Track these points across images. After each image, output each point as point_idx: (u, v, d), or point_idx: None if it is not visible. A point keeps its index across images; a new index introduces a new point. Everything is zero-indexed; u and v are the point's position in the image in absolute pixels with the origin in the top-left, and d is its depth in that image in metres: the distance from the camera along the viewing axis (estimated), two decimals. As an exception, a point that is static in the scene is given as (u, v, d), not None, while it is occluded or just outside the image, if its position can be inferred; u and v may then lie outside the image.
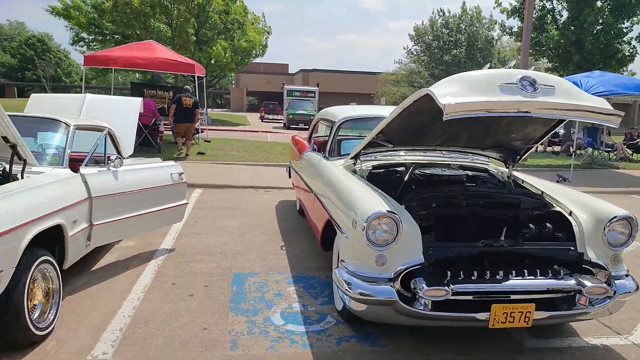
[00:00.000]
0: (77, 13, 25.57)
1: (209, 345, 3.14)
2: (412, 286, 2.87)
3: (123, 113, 6.17)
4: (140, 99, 7.27)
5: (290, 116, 27.72)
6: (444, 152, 4.52)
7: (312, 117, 27.97)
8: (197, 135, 13.24)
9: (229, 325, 3.42)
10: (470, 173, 4.27)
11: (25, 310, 2.83)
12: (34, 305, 3.03)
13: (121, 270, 4.41)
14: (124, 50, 12.46)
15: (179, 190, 4.96)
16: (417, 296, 2.85)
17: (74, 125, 4.09)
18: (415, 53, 41.18)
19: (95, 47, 28.44)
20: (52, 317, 3.17)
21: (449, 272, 2.91)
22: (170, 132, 13.57)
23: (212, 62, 26.79)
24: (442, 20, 39.66)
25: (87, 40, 28.47)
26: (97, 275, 4.27)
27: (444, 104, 2.65)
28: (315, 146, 5.98)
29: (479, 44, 38.19)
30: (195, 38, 25.02)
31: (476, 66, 35.25)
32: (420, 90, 2.95)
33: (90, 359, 2.92)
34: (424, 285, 2.79)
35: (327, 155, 4.78)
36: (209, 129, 15.97)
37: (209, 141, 14.40)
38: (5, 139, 3.07)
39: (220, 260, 4.82)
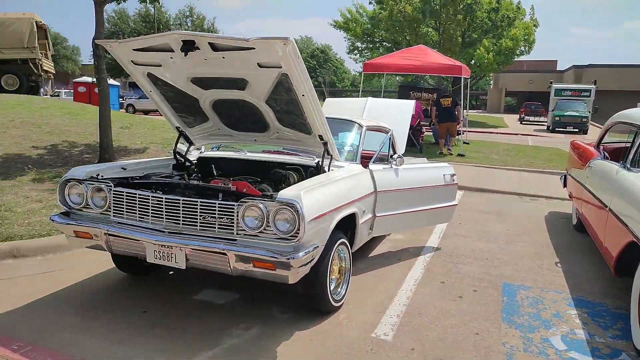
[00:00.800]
0: (355, 25, 28.66)
1: (482, 352, 3.10)
2: None
3: (398, 115, 6.60)
4: (413, 101, 7.66)
5: (557, 118, 24.85)
6: None
7: (584, 119, 24.54)
8: (457, 137, 13.20)
9: (503, 337, 3.30)
10: None
11: (327, 281, 3.34)
12: (331, 279, 3.55)
13: (394, 261, 4.75)
14: (397, 56, 13.38)
15: (450, 191, 5.04)
16: None
17: (366, 127, 4.59)
18: None
19: (366, 54, 31.42)
20: (344, 292, 3.66)
21: None
22: (430, 133, 13.86)
23: (472, 62, 26.17)
24: None
25: (360, 48, 31.71)
26: (373, 262, 4.72)
27: None
28: (606, 154, 5.20)
29: None
30: (460, 40, 24.87)
31: None
32: None
33: (374, 336, 3.24)
34: None
35: (629, 165, 4.09)
36: (467, 131, 15.72)
37: (467, 143, 14.18)
38: (320, 137, 3.66)
39: (488, 266, 4.70)
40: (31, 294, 3.66)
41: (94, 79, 8.62)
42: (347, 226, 3.75)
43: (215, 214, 3.01)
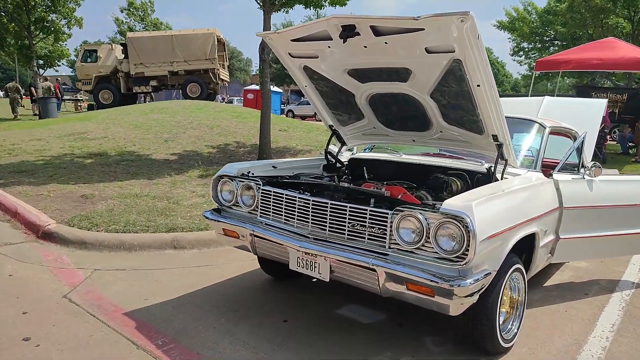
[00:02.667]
0: (521, 24, 26.18)
1: None
2: None
3: (584, 117, 5.48)
4: (605, 101, 6.35)
5: None
6: None
7: None
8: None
9: None
10: None
11: (497, 315, 2.70)
12: (500, 311, 2.88)
13: (578, 295, 3.82)
14: (578, 51, 11.57)
15: (662, 214, 3.89)
16: None
17: (550, 127, 3.77)
18: None
19: (533, 55, 28.52)
20: (515, 331, 2.95)
21: None
22: (614, 142, 11.75)
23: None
24: None
25: (526, 49, 28.92)
26: (551, 293, 3.85)
27: None
28: None
29: None
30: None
31: None
32: None
33: (559, 396, 2.51)
34: None
35: None
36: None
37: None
38: (495, 137, 3.03)
39: None
40: (183, 286, 3.71)
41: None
42: (522, 249, 3.04)
43: (365, 222, 2.61)
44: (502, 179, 3.16)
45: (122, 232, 4.69)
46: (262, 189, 3.11)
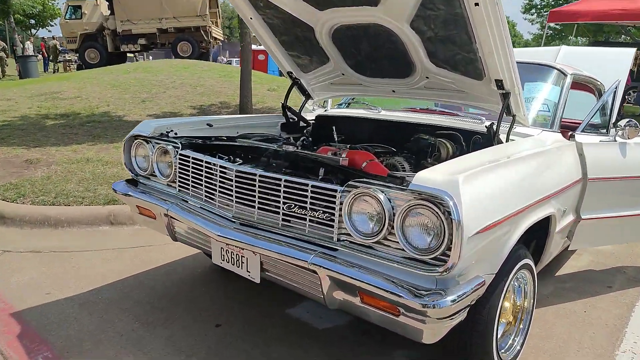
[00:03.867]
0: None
1: None
2: None
3: (607, 69, 4.57)
4: (633, 50, 5.39)
5: None
6: None
7: None
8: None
9: None
10: None
11: (494, 330, 1.93)
12: (499, 323, 2.11)
13: (600, 289, 3.05)
14: (596, 1, 10.37)
15: None
16: None
17: (572, 75, 2.89)
18: None
19: (545, 13, 26.88)
20: (519, 348, 2.19)
21: None
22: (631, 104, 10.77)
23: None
24: None
25: (538, 6, 27.28)
26: (565, 286, 3.08)
27: None
28: None
29: None
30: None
31: None
32: None
33: None
34: None
35: None
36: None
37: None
38: (499, 84, 2.18)
39: None
40: (105, 275, 2.98)
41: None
42: (530, 234, 2.24)
43: (306, 202, 1.81)
44: (507, 141, 2.34)
45: (51, 205, 3.93)
46: (180, 154, 2.30)
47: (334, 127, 2.99)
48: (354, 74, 2.79)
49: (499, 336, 2.03)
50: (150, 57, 23.41)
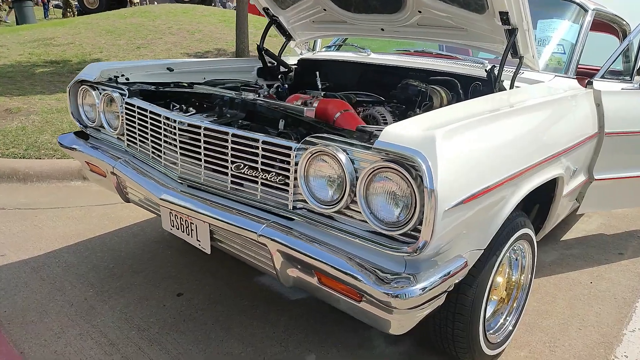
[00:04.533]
0: None
1: None
2: None
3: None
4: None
5: None
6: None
7: None
8: None
9: None
10: None
11: (482, 312, 1.65)
12: (490, 299, 1.84)
13: (610, 256, 2.75)
14: None
15: None
16: None
17: (594, 11, 2.46)
18: None
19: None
20: (510, 328, 1.92)
21: None
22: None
23: None
24: None
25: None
26: (570, 252, 2.78)
27: None
28: None
29: None
30: None
31: None
32: None
33: None
34: None
35: None
36: None
37: None
38: (504, 17, 1.78)
39: None
40: (67, 235, 2.75)
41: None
42: (532, 197, 1.92)
43: (257, 161, 1.49)
44: (512, 88, 1.97)
45: (21, 158, 3.68)
46: (126, 103, 1.98)
47: (317, 73, 2.63)
48: (337, 9, 2.39)
49: (487, 316, 1.76)
50: (155, 2, 22.55)
